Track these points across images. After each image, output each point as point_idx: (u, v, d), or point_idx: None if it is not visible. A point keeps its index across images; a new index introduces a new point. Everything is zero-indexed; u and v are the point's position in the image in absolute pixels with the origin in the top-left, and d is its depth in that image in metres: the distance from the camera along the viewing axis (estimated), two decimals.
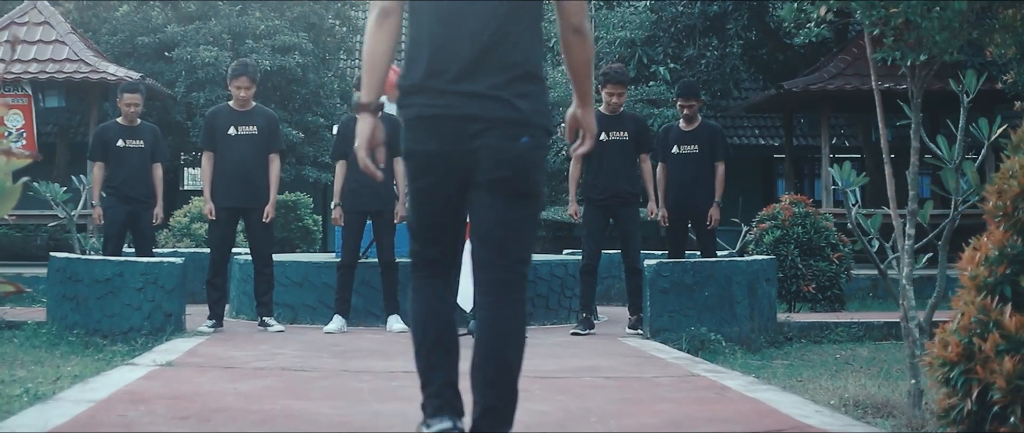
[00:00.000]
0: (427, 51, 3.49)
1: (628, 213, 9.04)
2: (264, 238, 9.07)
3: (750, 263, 9.32)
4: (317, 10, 22.43)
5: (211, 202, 8.97)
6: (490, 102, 3.42)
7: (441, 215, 3.58)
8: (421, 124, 3.49)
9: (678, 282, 8.69)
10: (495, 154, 3.43)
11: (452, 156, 3.45)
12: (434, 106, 3.45)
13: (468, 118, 3.42)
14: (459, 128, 3.43)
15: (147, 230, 10.15)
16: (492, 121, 3.42)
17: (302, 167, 21.65)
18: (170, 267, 8.60)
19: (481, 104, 3.42)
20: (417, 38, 3.54)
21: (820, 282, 11.37)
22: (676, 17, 19.38)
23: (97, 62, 17.07)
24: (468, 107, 3.42)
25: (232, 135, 8.97)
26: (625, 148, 9.00)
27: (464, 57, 3.43)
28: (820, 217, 11.66)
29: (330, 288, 9.38)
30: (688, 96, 9.64)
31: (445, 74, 3.45)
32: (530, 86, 3.48)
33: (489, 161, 3.43)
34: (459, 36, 3.45)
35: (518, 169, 3.46)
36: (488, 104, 3.42)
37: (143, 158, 10.08)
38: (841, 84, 17.62)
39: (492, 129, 3.42)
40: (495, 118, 3.42)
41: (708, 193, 9.62)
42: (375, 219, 9.06)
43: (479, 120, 3.42)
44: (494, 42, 3.44)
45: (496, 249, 3.52)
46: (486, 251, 3.53)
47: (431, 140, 3.47)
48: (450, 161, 3.46)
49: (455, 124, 3.43)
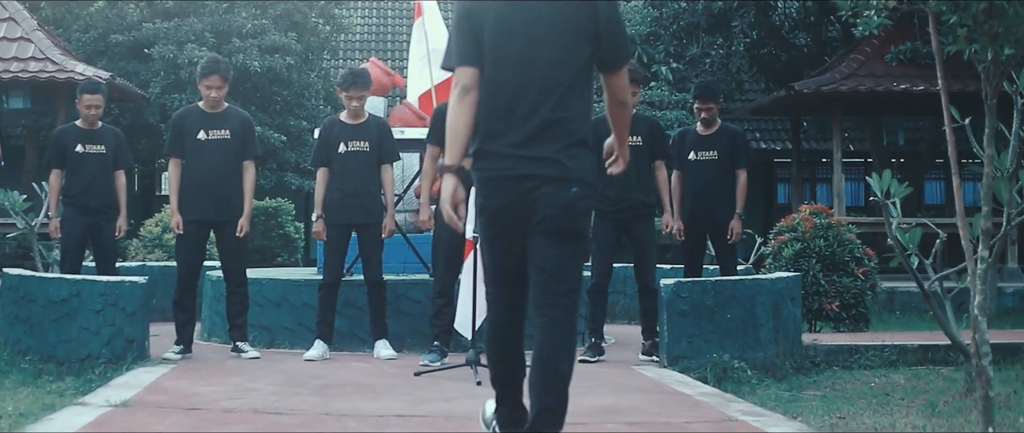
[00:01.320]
0: (500, 123, 4.16)
1: (642, 226, 8.27)
2: (238, 254, 8.27)
3: (774, 282, 8.58)
4: (301, 8, 21.64)
5: (178, 214, 8.18)
6: (548, 164, 4.12)
7: (507, 259, 4.25)
8: (492, 184, 4.18)
9: (698, 304, 7.93)
10: (550, 201, 4.10)
11: (515, 208, 4.13)
12: (504, 168, 4.14)
13: (530, 177, 4.12)
14: (522, 185, 4.12)
15: (109, 244, 9.32)
16: (549, 178, 4.11)
17: (283, 173, 20.91)
18: (132, 287, 7.80)
19: (540, 165, 4.12)
20: (491, 108, 4.18)
21: (844, 299, 10.61)
22: (678, 14, 18.63)
23: (64, 61, 16.32)
24: (530, 168, 4.12)
25: (202, 140, 8.18)
26: (638, 154, 8.22)
27: (530, 128, 4.13)
28: (843, 229, 10.89)
29: (311, 309, 8.58)
30: (706, 98, 8.89)
31: (514, 142, 4.14)
32: (580, 150, 4.18)
33: (545, 208, 4.11)
34: (526, 111, 4.14)
35: (568, 214, 4.14)
36: (546, 165, 4.12)
37: (104, 164, 9.27)
38: (854, 86, 16.96)
39: (548, 183, 4.11)
40: (551, 175, 4.11)
41: (728, 204, 8.87)
42: (361, 233, 8.25)
43: (538, 178, 4.11)
44: (555, 117, 4.13)
45: (551, 280, 4.12)
46: (542, 282, 4.14)
47: (500, 196, 4.16)
48: (514, 212, 4.15)
49: (520, 182, 4.12)
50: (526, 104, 4.13)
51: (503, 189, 4.13)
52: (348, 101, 8.20)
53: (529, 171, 4.10)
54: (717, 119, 9.04)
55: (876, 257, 11.04)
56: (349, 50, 27.16)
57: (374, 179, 8.26)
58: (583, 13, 4.17)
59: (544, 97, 4.13)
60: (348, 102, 8.20)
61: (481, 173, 4.19)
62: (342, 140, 8.21)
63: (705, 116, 8.93)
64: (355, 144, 8.21)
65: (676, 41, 18.54)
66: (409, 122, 9.90)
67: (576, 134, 4.16)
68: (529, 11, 4.17)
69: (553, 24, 4.17)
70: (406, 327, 8.74)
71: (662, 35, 18.62)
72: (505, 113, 4.15)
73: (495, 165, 4.14)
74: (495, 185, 4.15)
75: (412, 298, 8.81)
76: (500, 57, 4.17)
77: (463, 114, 4.11)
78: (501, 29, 4.17)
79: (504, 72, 4.16)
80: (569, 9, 4.17)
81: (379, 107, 9.82)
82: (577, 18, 4.17)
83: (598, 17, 4.18)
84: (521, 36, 4.17)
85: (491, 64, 4.17)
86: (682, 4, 18.70)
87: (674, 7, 18.72)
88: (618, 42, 4.26)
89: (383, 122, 8.59)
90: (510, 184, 4.12)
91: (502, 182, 4.13)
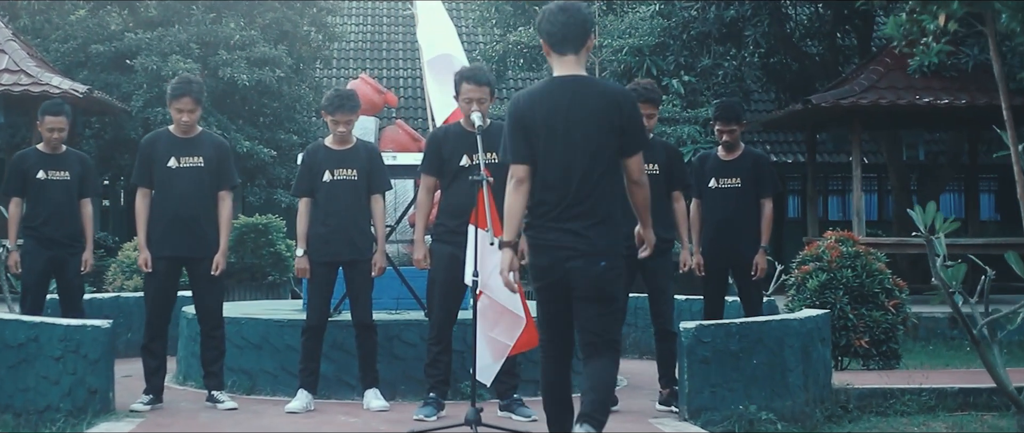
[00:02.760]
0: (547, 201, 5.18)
1: (659, 263, 7.62)
2: (212, 295, 7.63)
3: (804, 321, 7.97)
4: (291, 17, 21.02)
5: (146, 250, 7.54)
6: (580, 239, 5.13)
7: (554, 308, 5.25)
8: (539, 247, 5.20)
9: (721, 350, 7.32)
10: (583, 274, 5.12)
11: (556, 270, 5.15)
12: (548, 237, 5.18)
13: (565, 247, 5.13)
14: (559, 253, 5.13)
15: (74, 280, 8.65)
16: (581, 251, 5.12)
17: (273, 191, 20.32)
18: (95, 333, 7.17)
19: (574, 238, 5.12)
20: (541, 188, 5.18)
21: (874, 335, 9.96)
22: (688, 22, 17.95)
23: (39, 73, 15.75)
24: (565, 240, 5.13)
25: (173, 168, 7.53)
26: (655, 183, 7.53)
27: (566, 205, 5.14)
28: (873, 258, 10.23)
29: (294, 352, 7.93)
30: (729, 119, 8.26)
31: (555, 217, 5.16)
32: (607, 228, 5.18)
33: (579, 280, 5.12)
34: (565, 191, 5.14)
35: (599, 284, 5.14)
36: (579, 240, 5.13)
37: (69, 192, 8.59)
38: (875, 99, 16.33)
39: (580, 257, 5.11)
40: (582, 250, 5.12)
41: (752, 236, 8.25)
42: (349, 270, 7.60)
43: (573, 249, 5.12)
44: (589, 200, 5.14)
45: (593, 336, 5.17)
46: (586, 338, 5.20)
47: (544, 257, 5.18)
48: (555, 273, 5.16)
49: (558, 250, 5.14)
50: (567, 188, 5.15)
51: (546, 252, 5.18)
52: (334, 125, 7.54)
53: (564, 242, 5.14)
54: (740, 142, 8.40)
55: (907, 287, 10.43)
56: (342, 60, 26.56)
57: (363, 211, 7.60)
58: (612, 112, 5.19)
59: (582, 182, 5.14)
60: (334, 126, 7.55)
61: (531, 239, 5.25)
62: (327, 167, 7.55)
63: (727, 139, 8.30)
64: (342, 172, 7.54)
65: (686, 51, 17.88)
66: (403, 145, 9.25)
67: (605, 212, 5.19)
68: (570, 115, 5.18)
69: (589, 125, 5.17)
70: (399, 373, 8.10)
71: (672, 45, 17.96)
72: (551, 194, 5.18)
73: (541, 234, 5.21)
74: (540, 249, 5.20)
75: (406, 341, 8.17)
76: (547, 152, 5.19)
77: (518, 201, 5.16)
78: (548, 131, 5.19)
79: (550, 163, 5.18)
80: (601, 110, 5.19)
81: (370, 128, 9.16)
82: (608, 117, 5.17)
83: (623, 114, 5.22)
84: (563, 136, 5.18)
85: (541, 156, 5.19)
86: (692, 12, 18.03)
87: (684, 15, 18.06)
88: (637, 135, 5.28)
89: (373, 148, 7.91)
90: (551, 249, 5.16)
91: (545, 247, 5.18)
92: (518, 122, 5.20)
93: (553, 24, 5.27)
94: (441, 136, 7.27)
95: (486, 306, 6.49)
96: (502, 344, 6.52)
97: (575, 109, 5.15)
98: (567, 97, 5.18)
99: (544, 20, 5.33)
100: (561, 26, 5.25)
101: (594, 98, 5.20)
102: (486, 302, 6.49)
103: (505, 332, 6.48)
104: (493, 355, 6.55)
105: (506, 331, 6.47)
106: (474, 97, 7.06)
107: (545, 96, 5.25)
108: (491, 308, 6.46)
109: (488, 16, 22.95)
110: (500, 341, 6.51)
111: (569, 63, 5.28)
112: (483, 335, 6.56)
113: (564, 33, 5.25)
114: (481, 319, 6.54)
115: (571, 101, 5.17)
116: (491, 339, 6.52)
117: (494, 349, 6.54)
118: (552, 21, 5.28)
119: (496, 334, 6.49)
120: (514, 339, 6.44)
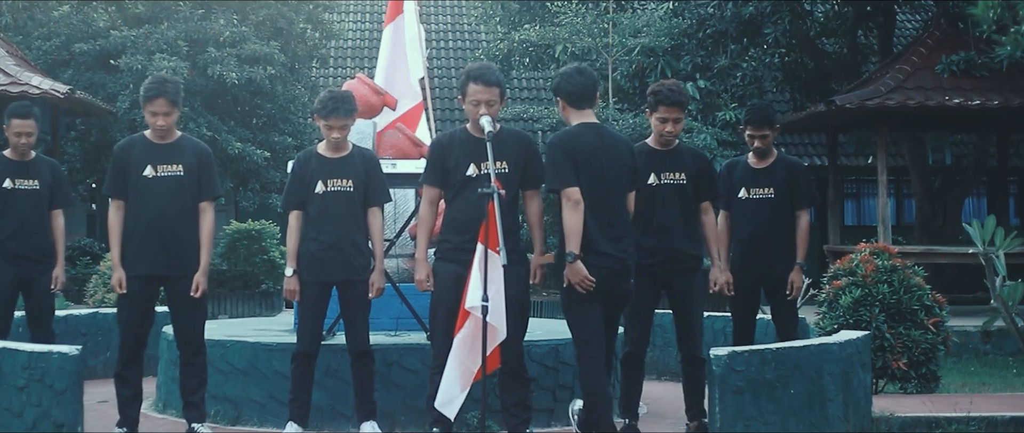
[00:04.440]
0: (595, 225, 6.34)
1: (686, 281, 7.06)
2: (193, 318, 7.06)
3: (843, 345, 7.41)
4: (285, 13, 20.58)
5: (120, 269, 6.95)
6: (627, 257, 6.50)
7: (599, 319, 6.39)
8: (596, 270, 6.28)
9: (756, 379, 6.74)
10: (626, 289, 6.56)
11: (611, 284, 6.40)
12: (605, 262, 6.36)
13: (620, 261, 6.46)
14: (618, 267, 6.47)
15: (44, 300, 8.11)
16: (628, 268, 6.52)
17: (267, 195, 20.07)
18: (62, 361, 6.57)
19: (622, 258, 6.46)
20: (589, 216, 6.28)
21: (912, 356, 9.38)
22: (703, 20, 17.35)
23: (18, 72, 15.27)
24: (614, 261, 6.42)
25: (149, 177, 6.95)
26: (682, 194, 7.03)
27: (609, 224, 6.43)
28: (910, 273, 9.64)
29: (284, 378, 7.37)
30: (760, 123, 7.70)
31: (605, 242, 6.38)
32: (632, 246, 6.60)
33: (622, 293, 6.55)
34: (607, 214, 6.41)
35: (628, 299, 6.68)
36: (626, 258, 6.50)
37: (38, 203, 8.07)
38: (902, 99, 15.82)
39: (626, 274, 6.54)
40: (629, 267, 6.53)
41: (787, 251, 7.72)
42: (344, 292, 7.01)
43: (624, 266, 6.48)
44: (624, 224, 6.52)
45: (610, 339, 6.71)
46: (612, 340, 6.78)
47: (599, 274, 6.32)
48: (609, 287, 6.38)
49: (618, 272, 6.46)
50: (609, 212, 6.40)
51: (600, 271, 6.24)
52: (328, 131, 6.94)
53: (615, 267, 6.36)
54: (773, 148, 7.84)
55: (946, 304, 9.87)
56: (340, 59, 26.07)
57: (359, 226, 7.00)
58: (627, 154, 6.55)
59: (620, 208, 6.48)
60: (327, 132, 6.94)
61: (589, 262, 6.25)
62: (320, 178, 6.94)
63: (759, 145, 7.74)
64: (336, 183, 6.94)
65: (703, 51, 17.28)
66: (403, 151, 8.62)
67: (630, 234, 6.55)
68: (606, 155, 6.37)
69: (618, 163, 6.43)
70: (399, 402, 7.54)
71: (687, 45, 17.37)
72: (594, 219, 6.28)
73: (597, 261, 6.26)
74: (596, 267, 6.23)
75: (406, 367, 7.59)
76: (589, 183, 6.27)
77: (577, 219, 6.17)
78: (590, 165, 6.30)
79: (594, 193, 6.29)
80: (624, 154, 6.52)
81: (367, 132, 8.53)
82: (627, 158, 6.54)
83: (633, 156, 6.62)
84: (601, 170, 6.34)
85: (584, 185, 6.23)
86: (709, 9, 17.43)
87: (700, 12, 17.47)
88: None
89: (371, 156, 7.27)
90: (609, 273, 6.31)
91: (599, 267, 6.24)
92: (567, 153, 6.24)
93: (572, 84, 6.44)
94: (445, 142, 6.63)
95: (472, 334, 6.01)
96: (468, 370, 6.06)
97: (606, 148, 6.38)
98: (598, 139, 6.38)
99: (563, 81, 6.47)
100: (579, 86, 6.44)
101: (616, 142, 6.54)
102: (472, 328, 6.00)
103: (475, 355, 6.01)
104: (462, 384, 6.08)
105: (476, 354, 5.99)
106: (483, 99, 6.43)
107: (582, 136, 6.38)
108: (478, 334, 5.97)
109: (492, 13, 22.38)
110: (468, 367, 6.05)
111: (587, 114, 6.48)
112: (456, 364, 6.05)
113: (582, 92, 6.44)
114: (460, 347, 6.04)
115: (602, 142, 6.38)
116: (465, 368, 6.07)
117: (464, 378, 6.07)
118: (571, 82, 6.44)
119: (469, 360, 6.04)
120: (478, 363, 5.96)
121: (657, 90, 7.05)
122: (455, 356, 6.07)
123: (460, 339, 6.04)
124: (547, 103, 20.90)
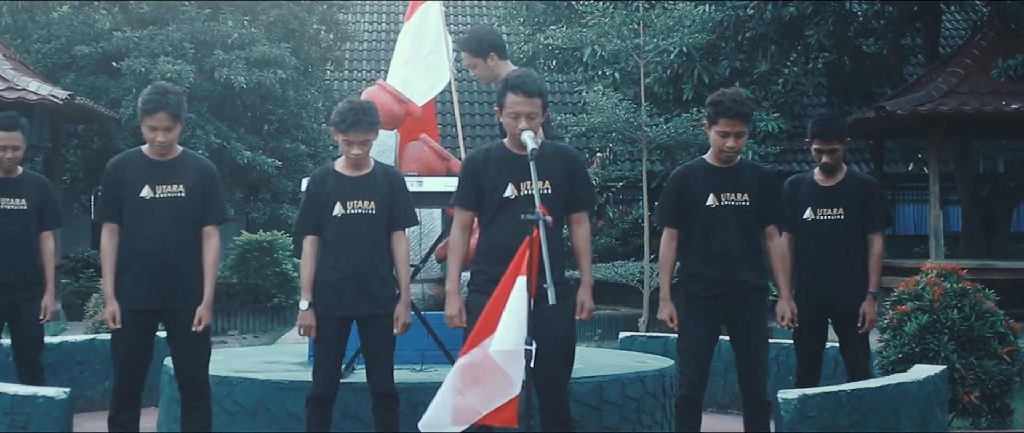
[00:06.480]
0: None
1: (751, 317, 6.42)
2: (195, 356, 6.47)
3: (921, 384, 6.90)
4: (298, 14, 20.22)
5: (114, 302, 6.37)
6: None
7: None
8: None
9: (829, 425, 6.25)
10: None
11: None
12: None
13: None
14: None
15: (31, 330, 7.58)
16: None
17: (279, 206, 19.77)
18: (48, 405, 6.10)
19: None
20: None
21: (985, 388, 8.75)
22: (742, 22, 16.74)
23: (15, 77, 14.89)
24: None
25: (147, 199, 6.35)
26: (746, 217, 6.39)
27: None
28: (982, 297, 9.02)
29: (297, 420, 6.78)
30: (829, 136, 7.13)
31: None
32: None
33: None
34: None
35: None
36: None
37: (25, 224, 7.55)
38: (956, 104, 15.25)
39: None
40: None
41: (857, 279, 7.18)
42: (365, 327, 6.40)
43: None
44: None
45: None
46: None
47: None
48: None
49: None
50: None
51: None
52: (347, 147, 6.30)
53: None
54: (842, 164, 7.24)
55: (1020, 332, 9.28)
56: (355, 61, 25.72)
57: (381, 252, 6.36)
58: None
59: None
60: (347, 148, 6.31)
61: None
62: (338, 199, 6.30)
63: (827, 160, 7.16)
64: (356, 205, 6.30)
65: (742, 54, 16.67)
66: (430, 166, 7.96)
67: None
68: None
69: None
70: None
71: (723, 48, 16.76)
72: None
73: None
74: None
75: None
76: None
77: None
78: None
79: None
80: None
81: (389, 144, 7.95)
82: None
83: None
84: None
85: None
86: (748, 11, 16.82)
87: (738, 14, 16.87)
88: None
89: (394, 174, 6.61)
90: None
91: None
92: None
93: None
94: (480, 160, 6.01)
95: (475, 363, 5.45)
96: (472, 409, 5.46)
97: None
98: None
99: None
100: None
101: None
102: (479, 358, 5.44)
103: (482, 398, 5.44)
104: (454, 418, 5.50)
105: (485, 397, 5.43)
106: (523, 112, 5.81)
107: None
108: (482, 367, 5.43)
109: (516, 13, 21.84)
110: (471, 405, 5.46)
111: None
112: (451, 393, 5.48)
113: None
114: (458, 374, 5.46)
115: None
116: (460, 399, 5.49)
117: (459, 412, 5.48)
118: None
119: (471, 396, 5.47)
120: (490, 408, 5.41)
121: (718, 100, 6.41)
122: (452, 383, 5.49)
123: (464, 365, 5.46)
124: (575, 110, 20.40)
